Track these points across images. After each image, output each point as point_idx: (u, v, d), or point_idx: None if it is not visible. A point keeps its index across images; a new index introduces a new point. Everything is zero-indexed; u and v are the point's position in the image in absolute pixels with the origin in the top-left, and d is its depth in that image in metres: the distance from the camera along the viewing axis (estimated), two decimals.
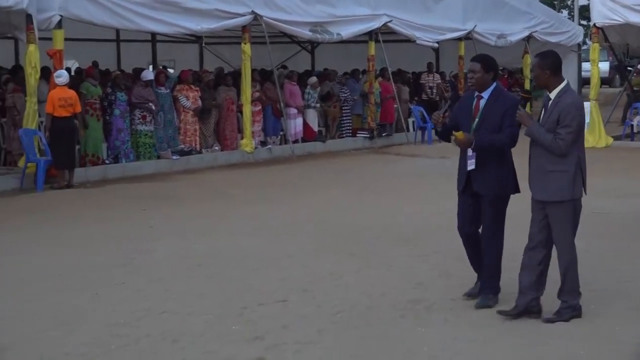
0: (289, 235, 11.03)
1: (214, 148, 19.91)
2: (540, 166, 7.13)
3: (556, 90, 7.13)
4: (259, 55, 21.54)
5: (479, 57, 7.90)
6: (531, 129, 7.08)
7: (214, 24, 19.18)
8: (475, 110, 7.64)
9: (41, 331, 7.10)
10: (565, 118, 6.97)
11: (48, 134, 15.67)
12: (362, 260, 9.57)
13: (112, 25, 18.22)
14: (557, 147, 6.97)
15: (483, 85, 7.59)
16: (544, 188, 7.08)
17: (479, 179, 7.56)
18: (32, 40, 15.74)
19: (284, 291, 8.30)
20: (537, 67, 7.22)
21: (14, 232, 11.58)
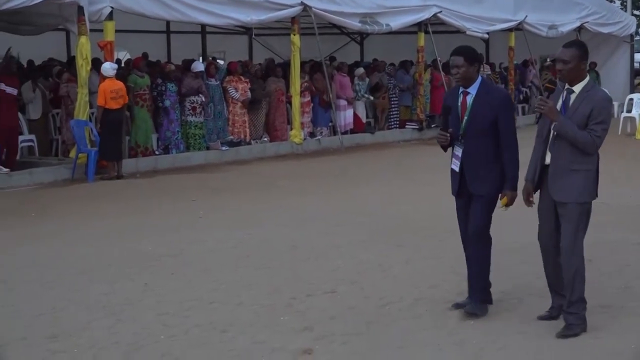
0: (337, 227, 11.01)
1: (263, 139, 19.96)
2: (563, 165, 6.55)
3: (581, 84, 6.54)
4: (308, 47, 21.53)
5: (460, 49, 7.12)
6: (563, 125, 6.45)
7: (263, 15, 19.21)
8: (462, 107, 7.05)
9: (92, 320, 7.16)
10: (600, 114, 6.42)
11: (99, 126, 15.79)
12: (410, 252, 9.53)
13: (163, 17, 18.32)
14: (592, 145, 6.43)
15: (469, 80, 7.00)
16: (569, 189, 6.52)
17: (472, 177, 7.03)
18: (83, 32, 15.87)
19: (333, 282, 8.29)
20: (576, 57, 6.51)
21: (64, 222, 11.70)
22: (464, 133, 6.99)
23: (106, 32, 16.37)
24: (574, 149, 6.47)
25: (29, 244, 10.27)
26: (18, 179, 15.23)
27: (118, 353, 6.36)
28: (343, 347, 6.47)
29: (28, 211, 12.59)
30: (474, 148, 6.98)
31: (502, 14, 25.35)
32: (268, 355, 6.29)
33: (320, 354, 6.31)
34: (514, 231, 9.35)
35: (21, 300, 7.81)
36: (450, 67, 7.18)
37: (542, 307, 7.09)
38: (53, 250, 9.92)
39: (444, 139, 7.10)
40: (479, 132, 6.93)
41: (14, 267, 9.16)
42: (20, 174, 15.39)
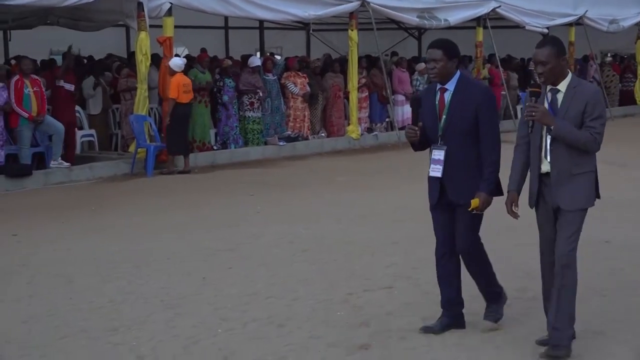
0: (394, 222, 11.00)
1: (320, 134, 20.00)
2: (564, 170, 6.02)
3: (565, 82, 6.02)
4: (365, 42, 21.52)
5: (439, 42, 6.57)
6: (560, 128, 5.91)
7: (321, 10, 19.23)
8: (440, 105, 6.45)
9: (150, 314, 7.24)
10: (594, 109, 5.91)
11: (169, 120, 15.86)
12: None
13: (221, 12, 18.44)
14: (594, 144, 5.93)
15: (446, 76, 6.40)
16: (575, 195, 6.00)
17: (454, 184, 6.48)
18: (142, 28, 16.02)
19: (390, 278, 8.28)
20: (552, 56, 5.95)
21: (123, 216, 11.82)
22: (443, 134, 6.42)
23: (165, 28, 16.52)
24: (572, 152, 5.97)
25: (88, 238, 10.40)
26: (78, 174, 15.42)
27: (177, 346, 6.42)
28: (400, 344, 6.46)
29: (88, 205, 12.74)
30: (454, 151, 6.42)
31: (562, 9, 25.11)
32: (324, 351, 6.30)
33: (377, 350, 6.31)
34: None
35: (81, 294, 7.91)
36: (426, 61, 6.63)
37: None
38: (112, 244, 10.03)
39: (412, 134, 6.45)
40: (460, 133, 6.37)
41: (74, 260, 9.28)
42: (80, 169, 15.59)
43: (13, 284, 8.35)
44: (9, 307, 7.55)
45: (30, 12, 18.31)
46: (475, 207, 6.34)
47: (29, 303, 7.68)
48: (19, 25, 19.34)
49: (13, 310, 7.45)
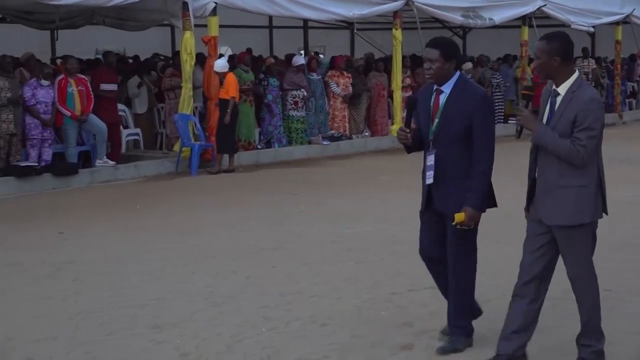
0: None
1: (364, 134, 20.00)
2: (550, 181, 5.60)
3: (567, 84, 5.54)
4: (410, 41, 21.47)
5: (436, 41, 6.18)
6: (541, 134, 5.54)
7: (365, 9, 19.23)
8: (434, 108, 6.09)
9: (195, 312, 7.28)
10: (585, 118, 5.39)
11: (229, 118, 15.87)
12: (514, 248, 9.34)
13: (265, 12, 18.50)
14: (577, 156, 5.40)
15: (443, 77, 6.03)
16: (558, 209, 5.55)
17: (442, 193, 6.11)
18: (187, 27, 16.12)
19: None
20: (544, 52, 5.57)
21: (168, 215, 11.90)
22: (435, 138, 6.06)
23: (210, 27, 16.60)
24: (563, 162, 5.51)
25: (133, 236, 10.48)
26: (124, 172, 15.55)
27: (220, 344, 6.45)
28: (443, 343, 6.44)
29: (133, 204, 12.84)
30: (445, 157, 6.04)
31: (609, 7, 24.90)
32: (368, 350, 6.30)
33: (420, 350, 6.30)
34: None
35: (127, 291, 7.97)
36: (423, 60, 6.26)
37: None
38: (157, 242, 10.10)
39: (403, 136, 6.09)
40: (452, 138, 5.99)
41: (119, 258, 9.36)
42: (125, 167, 15.72)
43: (60, 282, 8.44)
44: (56, 304, 7.63)
45: (77, 12, 18.49)
46: (460, 222, 5.96)
47: (76, 300, 7.76)
48: (66, 25, 19.54)
49: (60, 307, 7.52)
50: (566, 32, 5.81)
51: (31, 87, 14.83)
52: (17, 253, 9.66)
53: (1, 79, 14.54)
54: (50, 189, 14.36)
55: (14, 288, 8.21)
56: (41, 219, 11.78)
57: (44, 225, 11.30)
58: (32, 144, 14.82)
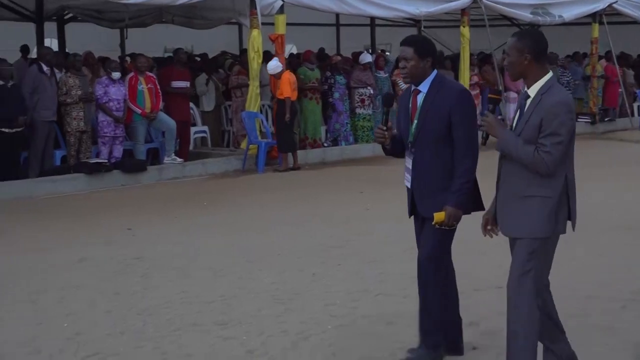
0: None
1: None
2: (513, 190, 5.22)
3: (537, 85, 5.14)
4: (477, 39, 21.34)
5: (410, 39, 5.90)
6: (505, 141, 5.16)
7: (433, 7, 19.17)
8: (412, 109, 5.81)
9: (261, 309, 7.33)
10: (550, 123, 4.97)
11: (288, 116, 15.95)
12: (581, 248, 9.32)
13: (333, 9, 18.50)
14: (541, 164, 5.00)
15: (419, 76, 5.74)
16: (518, 220, 5.19)
17: (424, 198, 5.88)
18: (255, 25, 16.21)
19: (499, 278, 8.15)
20: (515, 49, 5.17)
21: (235, 211, 11.99)
22: (415, 140, 5.79)
23: (277, 25, 16.66)
24: (528, 170, 5.11)
25: (200, 233, 10.58)
26: (191, 169, 15.70)
27: (286, 341, 6.48)
28: None
29: (200, 200, 12.96)
30: (425, 158, 5.79)
31: None
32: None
33: (486, 349, 6.28)
34: None
35: (194, 288, 8.06)
36: (398, 59, 5.91)
37: None
38: (224, 239, 10.18)
39: (380, 135, 5.87)
40: (432, 139, 5.73)
41: (186, 255, 9.45)
42: (193, 164, 15.86)
43: (128, 277, 8.55)
44: (124, 300, 7.74)
45: (146, 11, 18.70)
46: (440, 221, 5.75)
47: (143, 296, 7.86)
48: (135, 23, 19.77)
49: (128, 303, 7.63)
50: (540, 31, 5.47)
51: (103, 84, 15.03)
52: (87, 249, 9.81)
53: (72, 77, 14.78)
54: (119, 185, 14.55)
55: (86, 283, 8.34)
56: (110, 215, 11.94)
57: (113, 222, 11.45)
58: (104, 141, 15.04)
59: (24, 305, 7.67)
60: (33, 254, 9.67)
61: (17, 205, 12.89)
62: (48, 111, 14.43)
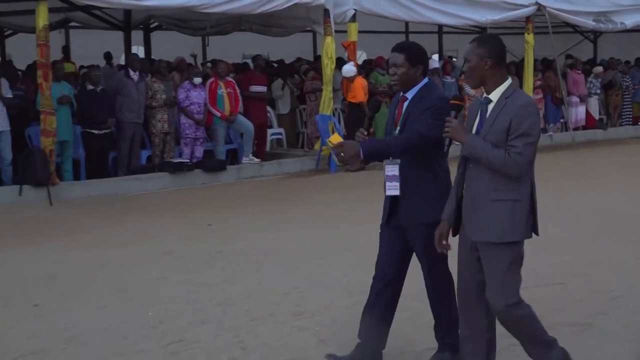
0: (566, 220, 10.77)
1: None
2: (480, 194, 4.87)
3: (499, 90, 4.87)
4: (541, 45, 21.13)
5: (402, 46, 5.59)
6: (471, 144, 4.83)
7: (498, 15, 19.02)
8: (397, 115, 5.55)
9: (333, 300, 7.36)
10: (521, 124, 4.71)
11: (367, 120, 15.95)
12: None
13: (402, 18, 18.48)
14: (513, 165, 4.72)
15: (408, 83, 5.44)
16: (487, 225, 4.85)
17: (405, 205, 5.52)
18: (328, 33, 16.27)
19: (561, 274, 8.14)
20: (475, 55, 4.92)
21: (308, 209, 12.03)
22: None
23: (350, 32, 16.71)
24: (495, 175, 4.80)
25: (276, 229, 10.64)
26: (268, 169, 15.80)
27: (357, 332, 6.50)
28: (570, 337, 6.35)
29: (276, 199, 13.04)
30: (407, 166, 5.48)
31: None
32: (498, 342, 6.24)
33: None
34: None
35: (270, 280, 8.12)
36: (389, 65, 5.57)
37: None
38: (298, 234, 10.23)
39: (361, 138, 5.49)
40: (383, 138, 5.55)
41: (263, 250, 9.52)
42: (269, 164, 15.97)
43: (209, 270, 8.65)
44: (205, 291, 7.82)
45: (226, 19, 18.85)
46: (334, 142, 5.42)
47: (223, 288, 7.93)
48: (216, 31, 19.94)
49: (209, 294, 7.71)
50: (499, 36, 5.25)
51: (185, 89, 15.22)
52: (171, 243, 9.94)
53: (157, 82, 14.98)
54: (200, 183, 14.71)
55: (169, 275, 8.45)
56: (192, 212, 12.08)
57: (195, 218, 11.58)
58: (186, 142, 15.23)
59: (112, 295, 7.80)
60: (121, 248, 9.83)
61: (106, 201, 13.11)
62: (133, 113, 14.65)
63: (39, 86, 13.28)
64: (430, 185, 5.45)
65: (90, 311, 7.29)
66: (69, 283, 8.26)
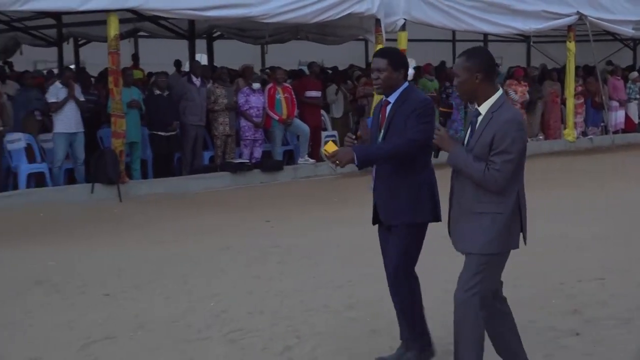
0: (605, 218, 10.63)
1: (538, 137, 19.64)
2: (465, 206, 4.75)
3: (488, 103, 4.68)
4: (582, 52, 20.88)
5: (384, 51, 5.51)
6: (454, 156, 4.73)
7: (541, 24, 18.82)
8: (381, 119, 5.42)
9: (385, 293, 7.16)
10: (502, 141, 4.54)
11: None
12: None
13: (449, 26, 18.35)
14: (491, 181, 4.58)
15: (390, 87, 5.33)
16: (470, 236, 4.71)
17: (386, 205, 5.40)
18: (379, 41, 16.20)
19: (601, 270, 8.03)
20: (464, 69, 4.70)
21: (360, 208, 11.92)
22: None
23: (399, 41, 16.63)
24: (479, 187, 4.65)
25: (330, 225, 10.64)
26: (322, 169, 15.79)
27: None
28: (610, 331, 6.27)
29: (330, 197, 13.04)
30: (390, 167, 5.35)
31: None
32: (540, 334, 6.19)
33: (588, 336, 6.14)
34: None
35: (324, 274, 8.12)
36: (371, 70, 5.47)
37: None
38: (351, 231, 10.20)
39: (349, 143, 5.39)
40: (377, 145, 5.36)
41: (318, 245, 9.53)
42: (324, 165, 15.95)
43: (267, 264, 8.67)
44: (263, 283, 7.85)
45: (284, 29, 18.89)
46: (328, 151, 5.22)
47: (280, 280, 7.96)
48: (274, 40, 20.01)
49: (267, 286, 7.74)
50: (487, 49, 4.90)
51: (244, 94, 15.28)
52: (231, 238, 9.99)
53: (219, 88, 15.07)
54: (259, 183, 14.76)
55: (230, 268, 8.50)
56: (251, 209, 12.13)
57: (254, 214, 11.62)
58: (246, 144, 15.29)
59: (176, 286, 7.86)
60: (184, 242, 9.90)
61: (171, 199, 13.21)
62: (195, 117, 14.76)
63: (110, 91, 13.45)
64: (414, 188, 5.36)
65: (156, 301, 7.35)
66: (137, 274, 8.34)
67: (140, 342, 6.24)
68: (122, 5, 13.36)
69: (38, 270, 8.54)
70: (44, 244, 9.92)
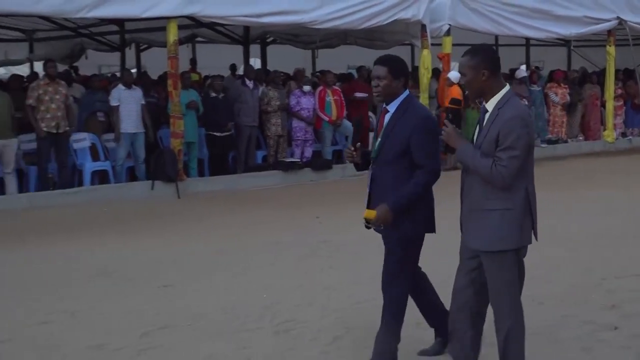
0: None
1: (578, 138, 19.46)
2: (474, 203, 4.60)
3: (495, 99, 4.54)
4: (622, 56, 20.59)
5: (385, 59, 5.17)
6: (462, 152, 4.61)
7: (582, 29, 18.61)
8: (379, 127, 5.18)
9: None
10: (507, 137, 4.40)
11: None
12: None
13: (492, 31, 18.21)
14: (497, 177, 4.42)
15: (390, 95, 5.07)
16: (481, 233, 4.58)
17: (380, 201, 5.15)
18: (425, 46, 16.17)
19: (638, 266, 7.91)
20: (470, 68, 4.57)
21: None
22: (377, 157, 5.15)
23: (444, 45, 16.59)
24: (487, 184, 4.51)
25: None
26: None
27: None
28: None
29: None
30: (383, 175, 5.15)
31: None
32: (578, 328, 6.13)
33: (626, 330, 6.05)
34: None
35: (370, 269, 8.01)
36: (371, 77, 5.22)
37: None
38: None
39: (348, 154, 5.27)
40: (391, 157, 5.06)
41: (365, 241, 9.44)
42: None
43: (316, 258, 8.68)
44: (312, 277, 7.86)
45: (334, 34, 18.90)
46: (369, 218, 5.12)
47: (329, 274, 7.96)
48: (324, 44, 20.03)
49: (316, 279, 7.75)
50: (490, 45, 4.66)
51: (296, 96, 15.33)
52: (282, 233, 10.02)
53: (272, 90, 15.12)
54: (309, 181, 14.78)
55: (280, 262, 8.52)
56: (301, 206, 12.15)
57: (304, 211, 11.64)
58: (297, 144, 15.33)
59: (230, 277, 7.90)
60: (238, 236, 9.95)
61: (226, 196, 13.29)
62: (249, 118, 14.87)
63: (169, 94, 13.57)
64: None
65: (211, 292, 7.39)
66: (194, 266, 8.40)
67: (196, 331, 6.28)
68: (181, 12, 13.46)
69: (101, 262, 8.65)
70: (107, 237, 10.04)
